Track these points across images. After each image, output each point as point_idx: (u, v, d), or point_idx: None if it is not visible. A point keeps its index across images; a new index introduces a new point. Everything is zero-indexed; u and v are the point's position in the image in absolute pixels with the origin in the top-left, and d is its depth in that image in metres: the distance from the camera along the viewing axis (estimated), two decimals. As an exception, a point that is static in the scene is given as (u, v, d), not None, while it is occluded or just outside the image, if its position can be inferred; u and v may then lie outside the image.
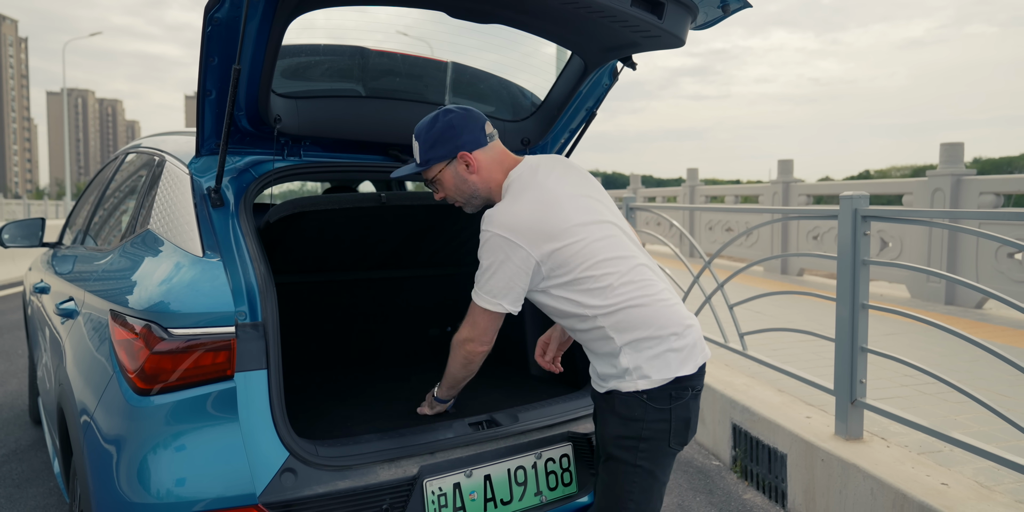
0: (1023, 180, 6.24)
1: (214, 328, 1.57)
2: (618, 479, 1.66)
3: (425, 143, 1.74)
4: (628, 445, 1.64)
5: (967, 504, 2.36)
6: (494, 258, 1.63)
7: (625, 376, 1.64)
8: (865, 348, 2.97)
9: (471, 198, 1.79)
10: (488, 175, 1.75)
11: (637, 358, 1.63)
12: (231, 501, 1.53)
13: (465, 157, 1.72)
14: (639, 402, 1.63)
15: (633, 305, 1.63)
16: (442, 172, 1.75)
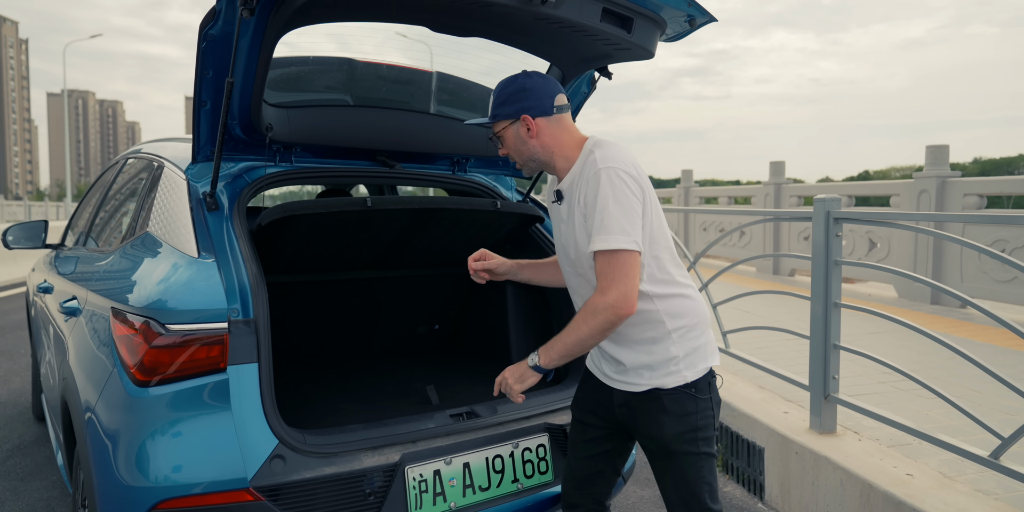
0: (1004, 182, 6.35)
1: (208, 324, 1.69)
2: (688, 470, 1.73)
3: (497, 99, 1.79)
4: (688, 438, 1.71)
5: (929, 493, 2.48)
6: (625, 194, 1.60)
7: (670, 366, 1.69)
8: (838, 345, 3.08)
9: (528, 160, 1.81)
10: (549, 142, 1.75)
11: (683, 347, 1.70)
12: (224, 485, 1.65)
13: (527, 121, 1.74)
14: (688, 396, 1.70)
15: (684, 294, 1.73)
16: (505, 130, 1.78)
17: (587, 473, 1.92)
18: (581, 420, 1.94)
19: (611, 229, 1.58)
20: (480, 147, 2.60)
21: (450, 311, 3.19)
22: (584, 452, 1.92)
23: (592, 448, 1.90)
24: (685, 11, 1.99)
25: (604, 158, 1.64)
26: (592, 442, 1.90)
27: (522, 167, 1.85)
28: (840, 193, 8.40)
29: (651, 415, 1.72)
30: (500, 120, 1.78)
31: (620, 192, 1.60)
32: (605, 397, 1.83)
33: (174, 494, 1.63)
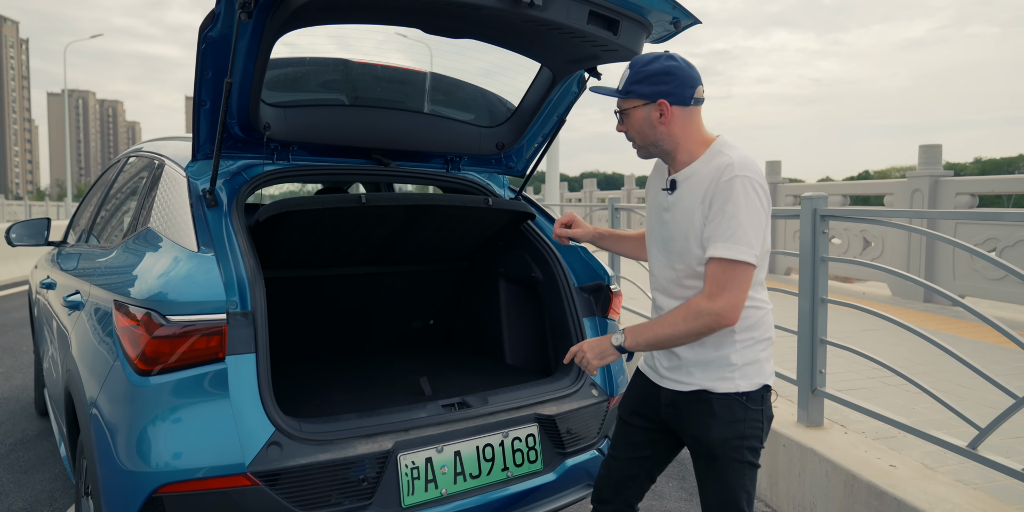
0: (995, 181, 6.42)
1: (208, 315, 1.75)
2: (730, 477, 1.72)
3: (635, 75, 1.69)
4: (734, 446, 1.70)
5: (910, 483, 2.54)
6: (756, 207, 1.59)
7: (725, 372, 1.68)
8: (824, 340, 3.15)
9: (650, 145, 1.74)
10: (678, 133, 1.69)
11: (744, 356, 1.69)
12: (223, 470, 1.71)
13: (663, 106, 1.66)
14: (739, 404, 1.69)
15: (759, 307, 1.71)
16: (636, 109, 1.70)
17: (623, 476, 1.93)
18: (626, 421, 1.95)
19: (738, 240, 1.57)
20: (473, 146, 2.67)
21: (444, 307, 3.25)
22: (624, 454, 1.93)
23: (633, 451, 1.91)
24: (670, 14, 2.06)
25: (742, 166, 1.60)
26: (634, 445, 1.91)
27: (638, 149, 1.78)
28: (836, 192, 8.49)
29: (700, 417, 1.72)
30: (633, 98, 1.70)
31: (753, 205, 1.58)
32: (652, 396, 1.84)
33: (175, 479, 1.69)
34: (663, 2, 2.00)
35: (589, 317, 2.53)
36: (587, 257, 2.64)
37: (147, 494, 1.70)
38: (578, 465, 2.27)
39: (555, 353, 2.57)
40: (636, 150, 1.79)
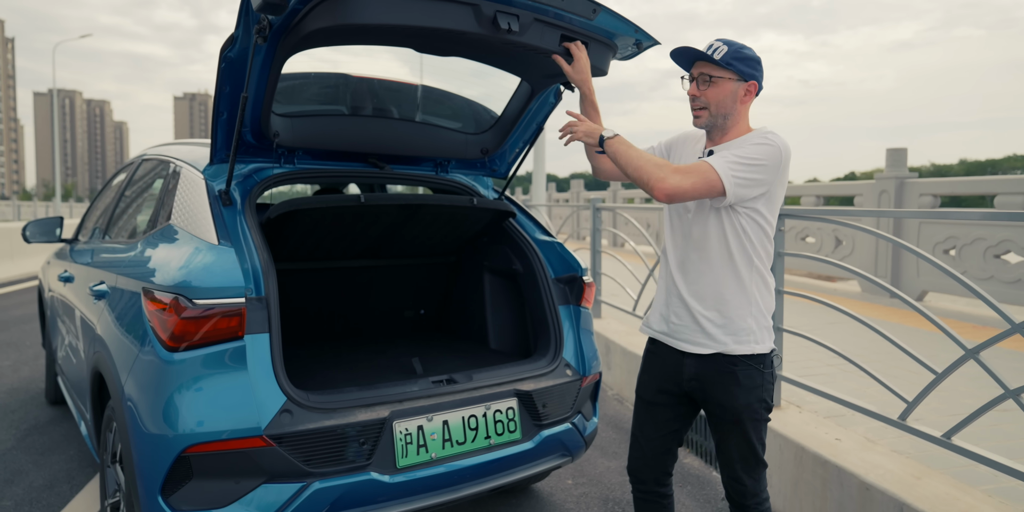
0: (956, 183, 6.77)
1: (228, 299, 2.02)
2: (751, 433, 1.98)
3: (736, 54, 1.89)
4: (755, 408, 1.96)
5: (851, 453, 2.84)
6: (766, 157, 1.82)
7: (743, 335, 1.92)
8: (781, 328, 3.44)
9: (718, 116, 1.93)
10: (743, 112, 1.94)
11: (759, 324, 1.94)
12: (242, 433, 1.97)
13: (751, 87, 1.91)
14: (757, 371, 1.94)
15: (771, 284, 1.99)
16: (726, 81, 1.90)
17: (658, 452, 2.15)
18: (652, 401, 2.13)
19: (733, 162, 1.81)
20: (460, 151, 2.95)
21: (434, 297, 3.54)
22: (655, 433, 2.13)
23: (663, 429, 2.12)
24: (633, 36, 2.34)
25: (778, 138, 1.87)
26: (663, 423, 2.12)
27: (702, 116, 1.95)
28: (810, 193, 8.81)
29: (725, 387, 1.94)
30: (732, 70, 1.89)
31: (762, 158, 1.82)
32: (675, 373, 2.04)
33: (200, 440, 1.95)
34: (626, 27, 2.29)
35: (564, 305, 2.81)
36: (563, 251, 2.92)
37: (176, 454, 1.96)
38: (553, 436, 2.54)
39: (534, 338, 2.85)
40: (701, 117, 1.96)
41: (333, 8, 1.91)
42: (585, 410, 2.75)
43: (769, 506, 2.08)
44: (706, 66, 1.95)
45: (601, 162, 2.22)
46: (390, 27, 2.00)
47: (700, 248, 1.99)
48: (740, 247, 1.94)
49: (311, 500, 2.02)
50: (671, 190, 1.82)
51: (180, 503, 1.98)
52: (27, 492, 3.23)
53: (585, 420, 2.72)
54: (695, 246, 2.00)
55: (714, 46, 1.94)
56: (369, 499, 2.13)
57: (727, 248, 1.94)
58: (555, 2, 2.11)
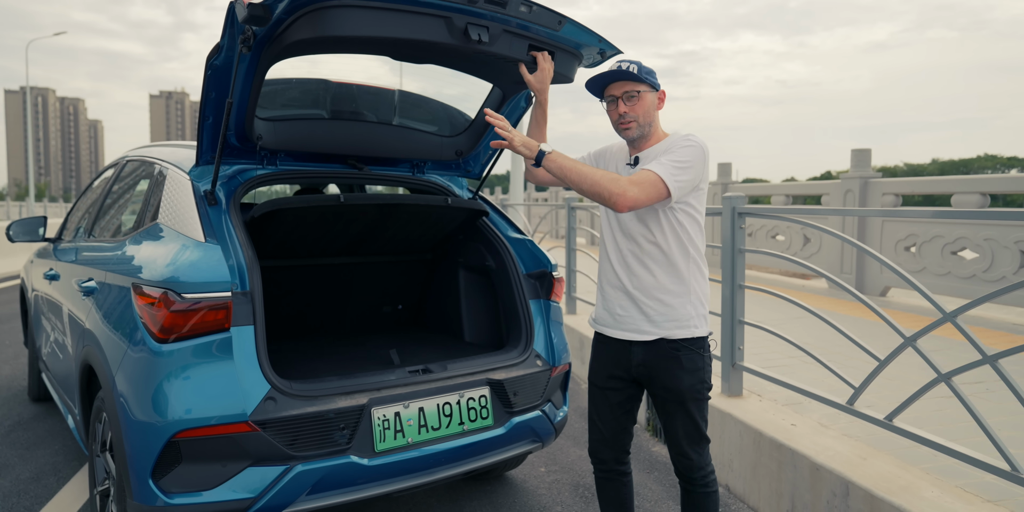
0: (915, 182, 7.02)
1: (215, 293, 2.14)
2: (695, 411, 2.16)
3: (644, 68, 2.13)
4: (698, 388, 2.15)
5: (805, 437, 3.02)
6: (694, 157, 2.03)
7: (683, 321, 2.12)
8: (742, 321, 3.63)
9: (646, 124, 2.14)
10: (658, 119, 2.18)
11: (697, 311, 2.14)
12: (228, 419, 2.10)
13: (662, 95, 2.18)
14: (697, 355, 2.14)
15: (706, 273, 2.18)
16: (647, 93, 2.13)
17: (615, 432, 2.32)
18: (604, 387, 2.29)
19: (670, 166, 2.00)
20: (435, 153, 3.08)
21: (412, 293, 3.67)
22: (611, 415, 2.30)
23: (617, 411, 2.30)
24: (597, 46, 2.50)
25: (697, 138, 2.07)
26: (617, 406, 2.29)
27: (634, 126, 2.14)
28: (779, 193, 9.06)
29: (670, 371, 2.13)
30: (648, 84, 2.13)
31: (692, 159, 2.03)
32: (624, 358, 2.21)
33: (189, 426, 2.07)
34: (590, 37, 2.44)
35: (535, 300, 2.96)
36: (533, 248, 3.07)
37: (166, 439, 2.07)
38: (523, 422, 2.69)
39: (507, 331, 2.99)
40: (631, 129, 2.14)
41: (314, 21, 2.04)
42: (555, 399, 2.90)
43: (715, 478, 2.26)
44: (628, 84, 2.14)
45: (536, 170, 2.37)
46: (367, 38, 2.14)
47: (641, 245, 2.16)
48: (677, 240, 2.13)
49: (294, 482, 2.15)
50: (633, 202, 1.97)
51: (170, 486, 2.10)
52: (14, 484, 3.31)
53: (555, 408, 2.87)
54: (635, 242, 2.17)
55: (627, 65, 2.15)
56: (349, 481, 2.26)
57: (666, 242, 2.13)
58: (523, 14, 2.26)
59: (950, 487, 2.49)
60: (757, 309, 5.78)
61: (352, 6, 2.03)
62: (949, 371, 2.41)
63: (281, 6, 1.98)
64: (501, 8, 2.20)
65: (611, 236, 2.26)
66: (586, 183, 2.00)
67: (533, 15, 2.29)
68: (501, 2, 2.19)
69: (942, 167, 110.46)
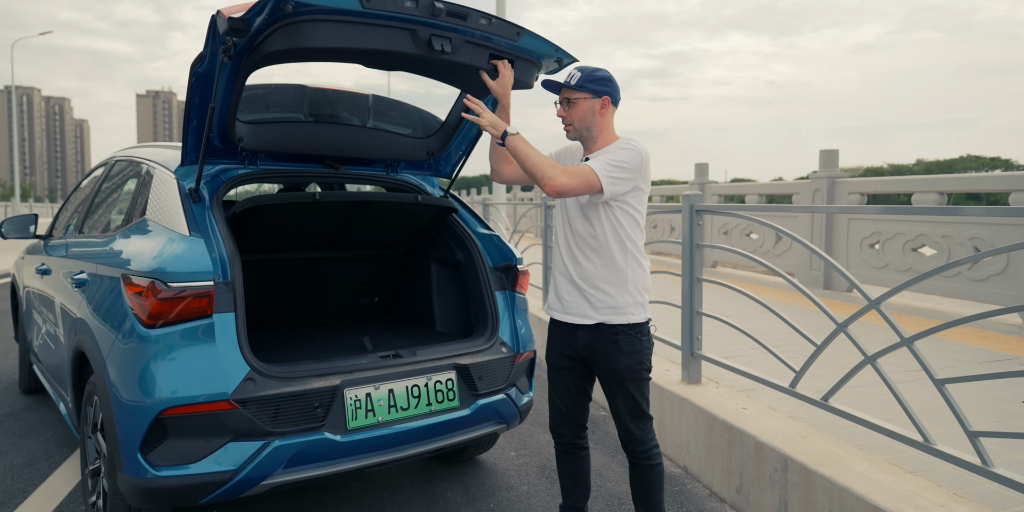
0: (880, 182, 7.28)
1: (199, 283, 2.33)
2: (634, 390, 2.37)
3: (588, 77, 2.32)
4: (636, 369, 2.35)
5: (753, 419, 3.24)
6: (630, 159, 2.23)
7: (620, 308, 2.31)
8: (700, 312, 3.85)
9: (583, 130, 2.34)
10: (604, 124, 2.35)
11: (634, 298, 2.33)
12: (211, 397, 2.28)
13: (605, 102, 2.33)
14: (635, 339, 2.33)
15: (645, 266, 2.37)
16: (583, 100, 2.32)
17: (571, 408, 2.54)
18: (558, 366, 2.51)
19: (608, 166, 2.21)
20: (408, 153, 3.28)
21: (386, 285, 3.87)
22: (567, 392, 2.52)
23: (572, 388, 2.51)
24: (554, 55, 2.71)
25: (637, 142, 2.28)
26: (571, 384, 2.51)
27: (571, 131, 2.37)
28: (752, 192, 9.31)
29: (610, 354, 2.34)
30: (585, 91, 2.32)
31: (630, 159, 2.23)
32: (571, 341, 2.43)
33: (175, 404, 2.25)
34: (547, 46, 2.65)
35: (501, 291, 3.17)
36: (500, 243, 3.27)
37: (153, 416, 2.25)
38: (488, 405, 2.88)
39: (475, 320, 3.19)
40: (568, 132, 2.39)
41: (289, 33, 2.24)
42: (520, 384, 3.10)
43: (658, 452, 2.46)
44: (567, 91, 2.39)
45: (501, 166, 2.60)
46: (339, 49, 2.33)
47: (584, 238, 2.38)
48: (615, 235, 2.34)
49: (272, 455, 2.34)
50: (560, 187, 2.20)
51: (158, 459, 2.28)
52: (8, 469, 3.48)
53: (520, 393, 3.07)
54: (580, 237, 2.39)
55: (571, 74, 2.38)
56: (323, 456, 2.45)
57: (605, 236, 2.34)
58: (482, 27, 2.46)
59: (878, 461, 2.72)
60: (730, 303, 6.01)
61: (324, 20, 2.23)
62: (874, 353, 2.64)
63: (259, 20, 2.17)
64: (462, 21, 2.40)
65: (562, 230, 2.48)
66: (528, 163, 2.25)
67: (492, 27, 2.49)
68: (462, 15, 2.39)
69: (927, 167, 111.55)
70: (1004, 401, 3.60)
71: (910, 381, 3.80)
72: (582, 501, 2.64)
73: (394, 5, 2.26)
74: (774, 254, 8.56)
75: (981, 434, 2.21)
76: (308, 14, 2.20)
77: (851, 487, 2.47)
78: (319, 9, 2.19)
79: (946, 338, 5.16)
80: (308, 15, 2.20)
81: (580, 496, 2.63)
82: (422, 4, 2.31)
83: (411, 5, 2.29)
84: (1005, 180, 6.05)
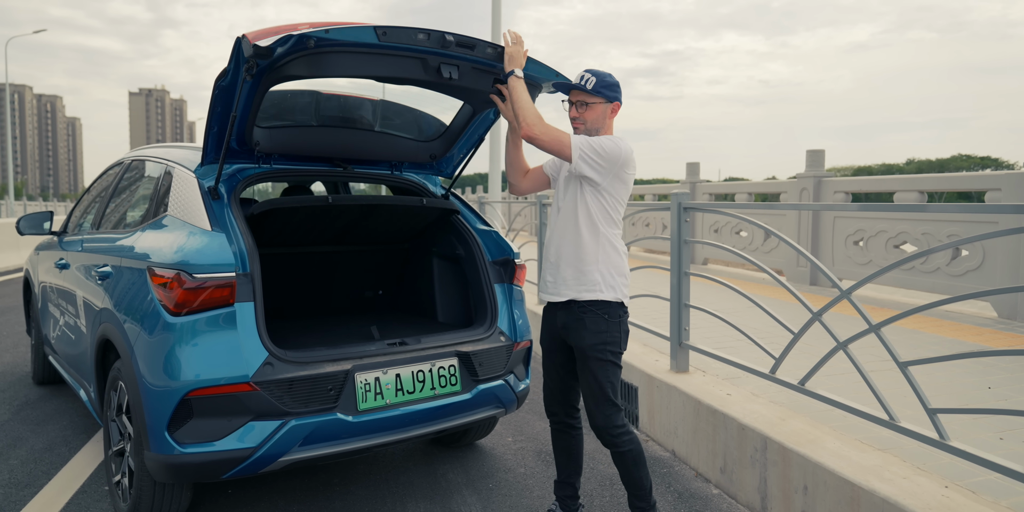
0: (863, 181, 7.51)
1: (221, 274, 2.51)
2: (597, 371, 2.50)
3: (602, 81, 2.52)
4: (599, 349, 2.48)
5: (737, 404, 3.45)
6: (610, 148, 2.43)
7: (590, 287, 2.48)
8: (688, 304, 4.05)
9: (592, 129, 2.55)
10: (610, 126, 2.58)
11: (605, 277, 2.49)
12: (233, 380, 2.47)
13: (616, 107, 2.57)
14: (602, 319, 2.48)
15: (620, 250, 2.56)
16: (597, 104, 2.53)
17: (562, 388, 2.72)
18: (548, 348, 2.70)
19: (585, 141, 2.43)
20: (412, 156, 3.47)
21: (390, 279, 4.07)
22: (556, 373, 2.71)
23: (561, 369, 2.69)
24: (554, 79, 2.89)
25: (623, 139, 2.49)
26: (560, 365, 2.69)
27: (578, 127, 2.58)
28: (742, 191, 9.53)
29: (578, 331, 2.51)
30: (600, 96, 2.53)
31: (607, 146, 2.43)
32: (553, 322, 2.62)
33: (200, 386, 2.44)
34: (548, 72, 2.80)
35: (499, 283, 3.36)
36: (498, 239, 3.47)
37: (180, 397, 2.44)
38: (488, 390, 3.08)
39: (475, 311, 3.38)
40: (577, 129, 2.59)
41: (309, 62, 2.44)
42: (518, 371, 3.30)
43: (627, 439, 2.57)
44: (581, 94, 2.57)
45: (519, 180, 2.82)
46: (353, 74, 2.54)
47: (562, 221, 2.59)
48: (587, 218, 2.53)
49: (288, 434, 2.53)
50: (534, 134, 2.43)
51: (184, 437, 2.47)
52: (30, 454, 3.66)
53: (518, 380, 3.27)
54: (560, 220, 2.61)
55: (585, 77, 2.56)
56: (335, 435, 2.64)
57: (576, 219, 2.55)
58: (489, 56, 2.65)
59: (850, 440, 2.93)
60: (721, 298, 6.22)
61: (342, 52, 2.43)
62: (845, 339, 2.85)
63: (281, 49, 2.35)
64: (470, 50, 2.60)
65: (552, 219, 2.69)
66: (518, 104, 2.48)
67: (498, 56, 2.68)
68: (470, 45, 2.59)
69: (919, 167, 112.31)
70: (971, 387, 3.82)
71: (885, 370, 4.01)
72: (574, 476, 2.84)
73: (408, 38, 2.46)
74: (763, 251, 8.78)
75: (939, 411, 2.42)
76: (328, 47, 2.39)
77: (823, 463, 2.68)
78: (339, 43, 2.38)
79: (923, 330, 5.38)
80: (328, 48, 2.39)
81: (572, 472, 2.84)
82: (433, 36, 2.51)
83: (423, 38, 2.48)
84: (981, 179, 6.28)
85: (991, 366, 4.28)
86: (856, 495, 2.49)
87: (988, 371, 4.15)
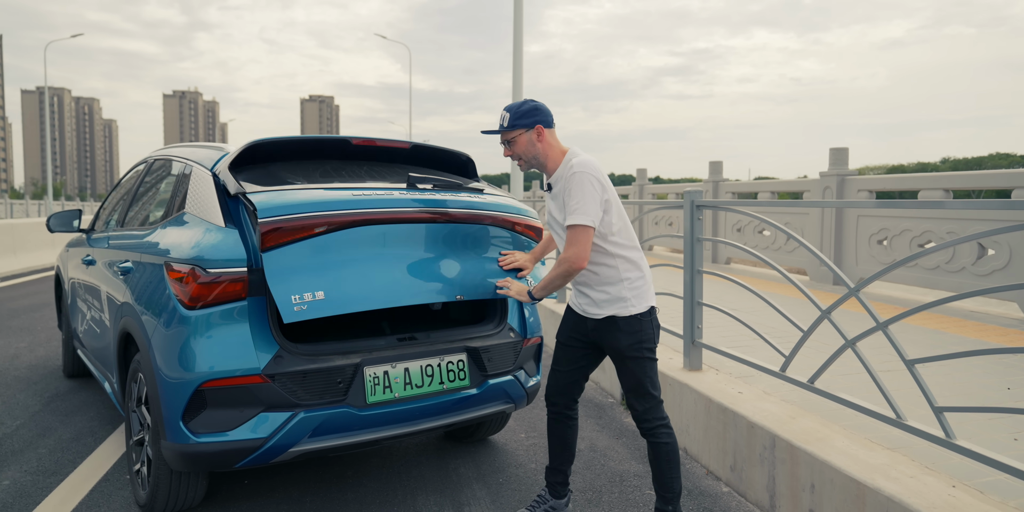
0: (887, 179, 7.39)
1: (234, 269, 2.59)
2: (636, 368, 2.59)
3: (515, 115, 2.56)
4: (636, 348, 2.57)
5: (747, 402, 3.44)
6: (588, 189, 2.43)
7: (622, 303, 2.54)
8: (701, 302, 4.04)
9: (531, 159, 2.59)
10: (546, 148, 2.57)
11: (631, 291, 2.55)
12: (245, 372, 2.53)
13: (539, 129, 2.56)
14: (636, 320, 2.56)
15: (632, 258, 2.58)
16: (520, 136, 2.57)
17: (567, 382, 2.79)
18: (565, 344, 2.77)
19: (576, 212, 2.44)
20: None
21: None
22: (567, 367, 2.78)
23: (573, 364, 2.77)
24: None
25: (579, 164, 2.48)
26: (573, 360, 2.76)
27: (522, 164, 2.62)
28: (764, 190, 9.44)
29: (613, 334, 2.58)
30: (518, 128, 2.57)
31: (586, 188, 2.45)
32: (582, 324, 2.69)
33: (213, 377, 2.51)
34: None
35: None
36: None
37: (194, 388, 2.52)
38: (497, 385, 3.11)
39: (486, 308, 3.42)
40: (521, 166, 2.65)
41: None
42: (528, 367, 3.32)
43: (666, 431, 2.65)
44: (504, 134, 2.65)
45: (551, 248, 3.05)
46: None
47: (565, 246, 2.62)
48: (599, 247, 2.57)
49: (298, 425, 2.59)
50: (581, 260, 2.47)
51: (198, 427, 2.54)
52: (58, 443, 3.79)
53: (528, 376, 3.30)
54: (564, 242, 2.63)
55: (501, 116, 2.63)
56: (345, 427, 2.70)
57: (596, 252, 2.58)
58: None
59: (859, 438, 2.91)
60: (739, 298, 6.18)
61: None
62: (853, 337, 2.83)
63: None
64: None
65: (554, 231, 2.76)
66: (558, 284, 2.57)
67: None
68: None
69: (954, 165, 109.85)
70: (991, 387, 3.76)
71: (901, 369, 3.96)
72: (566, 465, 2.89)
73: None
74: (785, 250, 8.69)
75: (945, 409, 2.40)
76: None
77: (830, 461, 2.67)
78: None
79: (946, 330, 5.30)
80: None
81: (564, 460, 2.88)
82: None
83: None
84: (1008, 177, 6.14)
85: (1013, 367, 4.21)
86: (862, 493, 2.48)
87: (1010, 372, 4.08)
